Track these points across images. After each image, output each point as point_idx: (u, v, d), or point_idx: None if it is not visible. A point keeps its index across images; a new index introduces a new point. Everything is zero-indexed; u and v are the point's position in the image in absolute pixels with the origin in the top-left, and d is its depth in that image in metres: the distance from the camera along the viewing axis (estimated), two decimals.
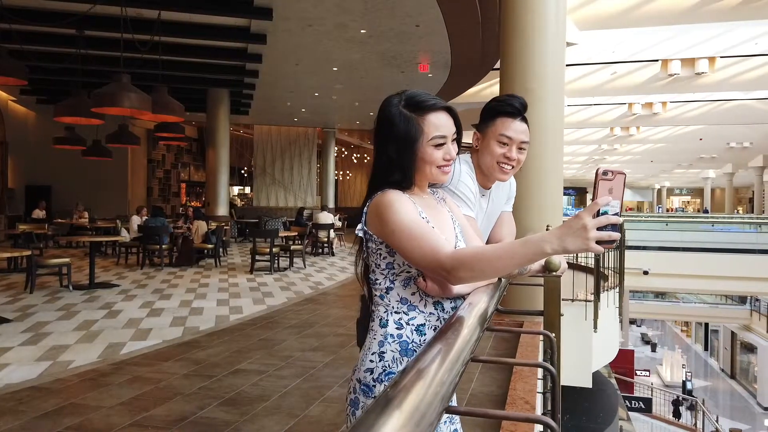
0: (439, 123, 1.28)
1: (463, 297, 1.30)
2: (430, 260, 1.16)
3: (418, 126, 1.27)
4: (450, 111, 1.31)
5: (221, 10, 8.48)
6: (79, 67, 9.37)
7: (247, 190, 23.72)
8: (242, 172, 23.62)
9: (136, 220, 10.86)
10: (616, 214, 1.02)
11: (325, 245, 13.03)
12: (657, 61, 12.59)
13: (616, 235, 1.01)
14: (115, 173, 16.54)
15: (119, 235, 10.95)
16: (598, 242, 1.01)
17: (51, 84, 13.10)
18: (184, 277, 9.03)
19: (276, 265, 10.06)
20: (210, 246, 10.67)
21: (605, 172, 1.04)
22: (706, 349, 28.49)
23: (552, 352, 1.32)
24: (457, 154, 1.33)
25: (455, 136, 1.31)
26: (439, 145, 1.28)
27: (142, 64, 9.19)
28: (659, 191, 44.47)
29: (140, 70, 9.30)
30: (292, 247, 10.78)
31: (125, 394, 3.61)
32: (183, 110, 8.63)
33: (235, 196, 22.88)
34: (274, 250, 9.88)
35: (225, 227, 12.39)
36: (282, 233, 11.59)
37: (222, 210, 14.44)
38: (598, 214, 1.01)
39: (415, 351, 1.26)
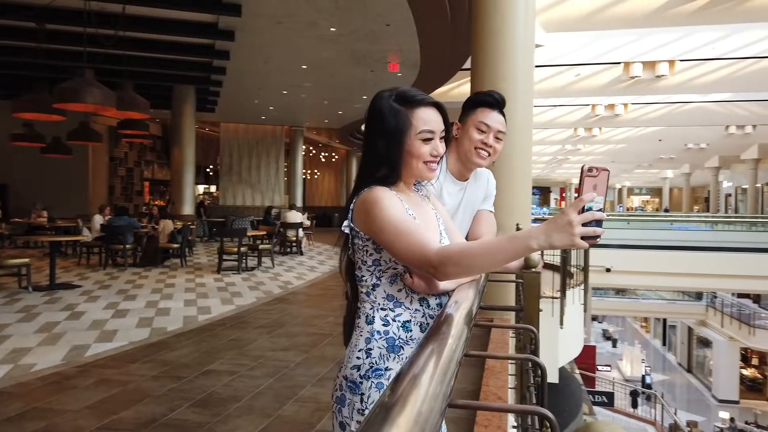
0: (427, 118, 1.30)
1: (448, 294, 1.31)
2: (417, 257, 1.16)
3: (407, 118, 1.29)
4: (439, 108, 1.33)
5: (188, 6, 8.32)
6: (40, 61, 9.06)
7: (213, 188, 23.33)
8: (208, 170, 23.22)
9: (98, 220, 10.55)
10: (600, 210, 1.04)
11: (294, 244, 12.95)
12: (619, 63, 12.89)
13: (600, 231, 1.04)
14: (75, 171, 16.01)
15: (81, 235, 10.65)
16: (582, 238, 1.03)
17: (9, 79, 12.63)
18: (149, 278, 8.85)
19: (244, 265, 9.94)
20: (176, 245, 10.47)
21: (590, 169, 1.06)
22: (664, 344, 29.36)
23: (535, 346, 1.35)
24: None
25: (443, 134, 1.33)
26: (426, 140, 1.30)
27: (106, 59, 8.95)
28: (620, 191, 45.63)
29: (104, 66, 9.05)
30: (261, 247, 10.66)
31: (92, 397, 3.52)
32: (148, 107, 8.44)
33: (201, 194, 22.47)
34: (242, 249, 9.76)
35: (191, 226, 12.17)
36: (250, 232, 11.45)
37: (187, 209, 14.16)
38: (582, 210, 1.03)
39: (402, 347, 1.26)
